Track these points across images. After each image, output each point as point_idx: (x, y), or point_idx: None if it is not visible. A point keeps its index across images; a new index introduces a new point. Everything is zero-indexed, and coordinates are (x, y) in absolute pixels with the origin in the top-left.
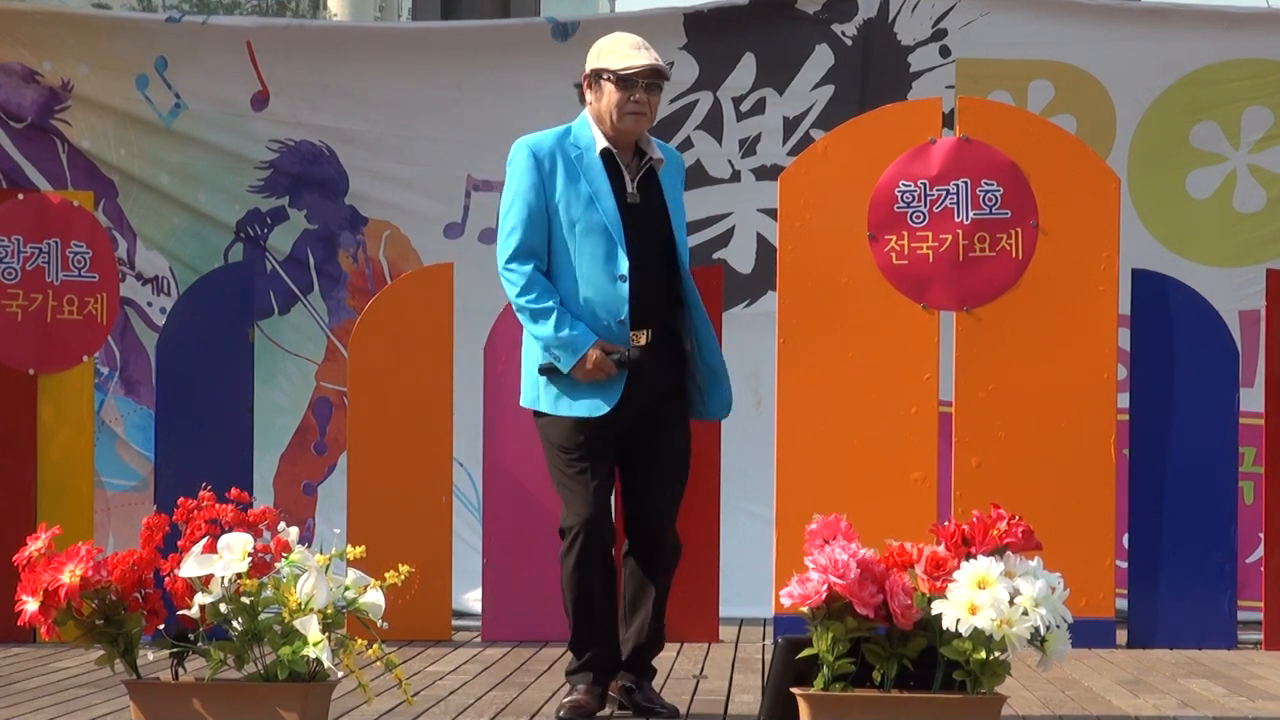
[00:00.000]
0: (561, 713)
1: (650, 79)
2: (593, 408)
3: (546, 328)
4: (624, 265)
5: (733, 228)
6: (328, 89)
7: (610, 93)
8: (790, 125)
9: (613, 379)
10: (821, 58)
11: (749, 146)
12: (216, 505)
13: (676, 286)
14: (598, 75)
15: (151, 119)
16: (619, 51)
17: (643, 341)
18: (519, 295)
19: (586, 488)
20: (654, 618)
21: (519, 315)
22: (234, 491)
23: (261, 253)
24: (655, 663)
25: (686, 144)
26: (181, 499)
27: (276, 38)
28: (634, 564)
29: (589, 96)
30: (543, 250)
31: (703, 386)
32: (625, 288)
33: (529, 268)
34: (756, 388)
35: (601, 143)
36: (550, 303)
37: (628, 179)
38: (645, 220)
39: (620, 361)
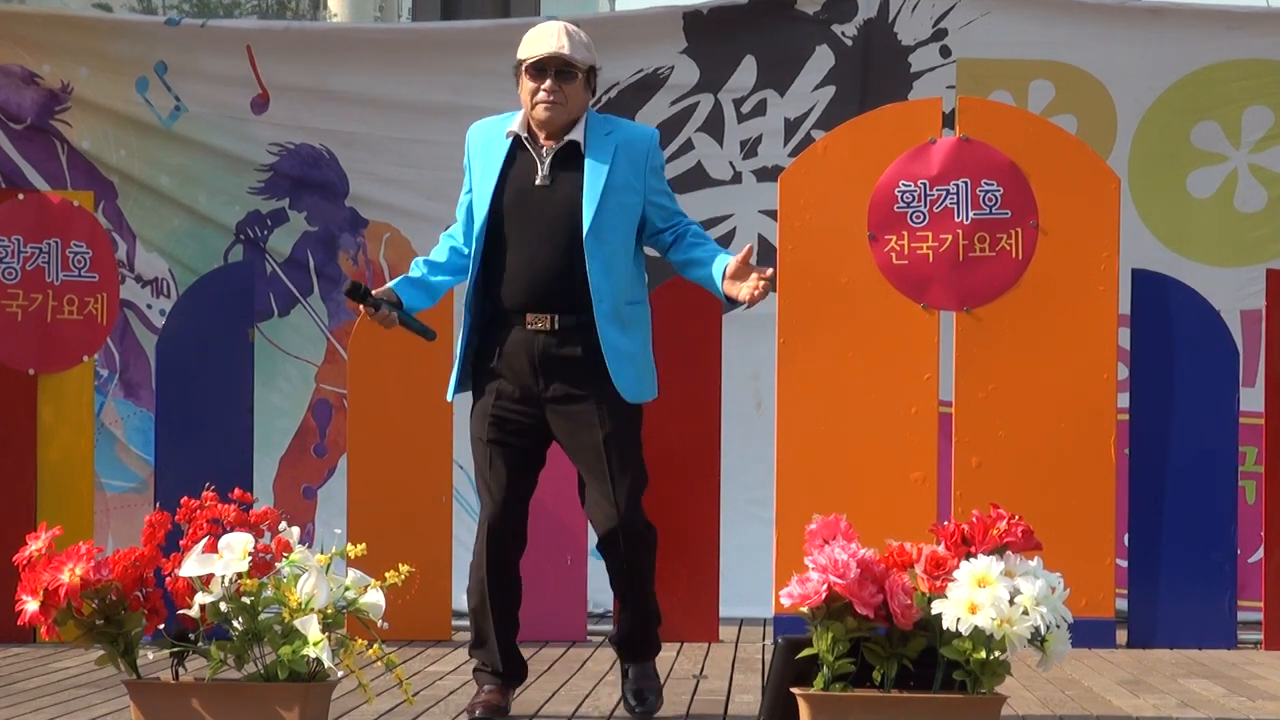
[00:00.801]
0: (476, 712)
1: (560, 66)
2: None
3: None
4: (513, 250)
5: (734, 229)
6: (327, 92)
7: (524, 83)
8: (791, 126)
9: (463, 371)
10: (822, 59)
11: (750, 148)
12: (219, 505)
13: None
14: (516, 67)
15: (151, 121)
16: (531, 40)
17: (541, 327)
18: None
19: (488, 483)
20: (637, 604)
21: None
22: (237, 492)
23: (261, 255)
24: (654, 662)
25: (687, 146)
26: (185, 499)
27: (276, 41)
28: (605, 558)
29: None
30: (457, 229)
31: (610, 369)
32: (512, 273)
33: (442, 240)
34: (757, 389)
35: (516, 128)
36: (420, 260)
37: (538, 163)
38: (552, 206)
39: (373, 306)
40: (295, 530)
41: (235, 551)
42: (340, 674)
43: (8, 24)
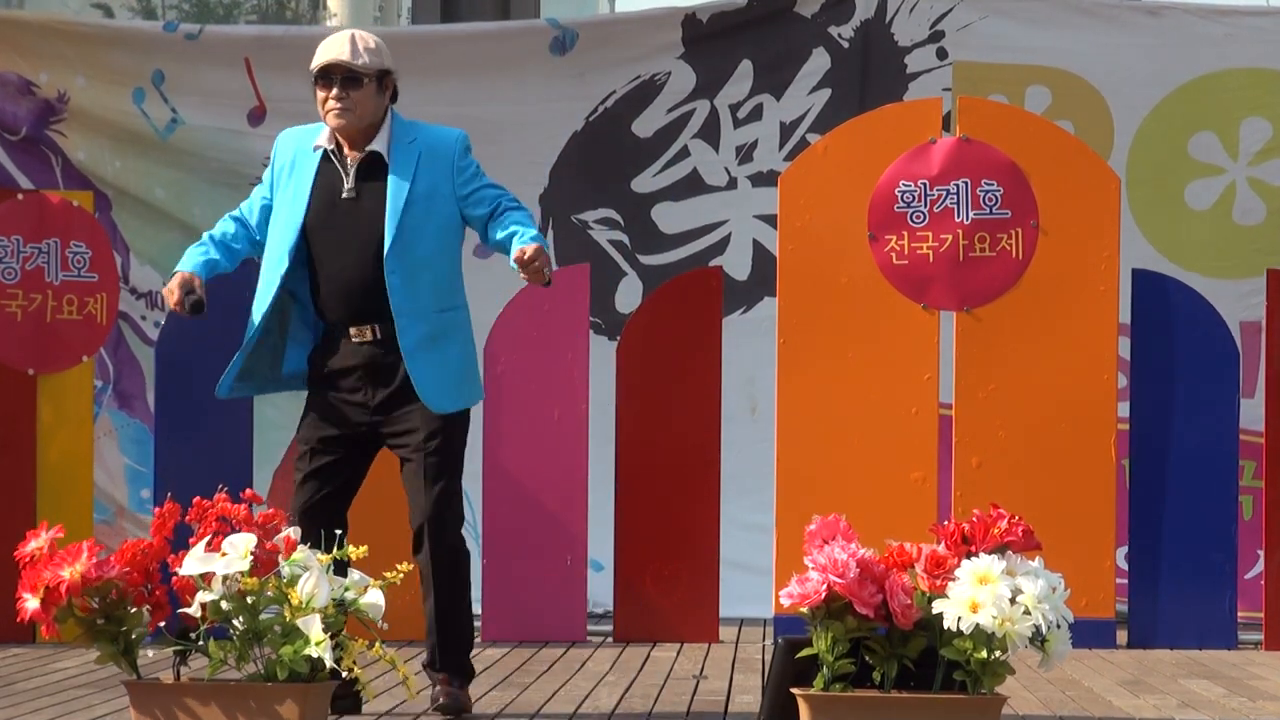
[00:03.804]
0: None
1: (344, 74)
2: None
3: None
4: (326, 263)
5: (729, 235)
6: None
7: (316, 93)
8: (787, 130)
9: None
10: (818, 61)
11: (746, 153)
12: (230, 505)
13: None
14: (312, 79)
15: (147, 134)
16: (318, 50)
17: (366, 339)
18: None
19: (303, 484)
20: (439, 620)
21: None
22: (248, 493)
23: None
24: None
25: (684, 153)
26: (197, 498)
27: (274, 51)
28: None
29: None
30: (249, 216)
31: (415, 384)
32: (329, 287)
33: (227, 218)
34: (752, 394)
35: (323, 141)
36: (204, 238)
37: (344, 175)
38: (358, 218)
39: (194, 303)
40: (298, 530)
41: (237, 550)
42: (343, 674)
43: (5, 31)
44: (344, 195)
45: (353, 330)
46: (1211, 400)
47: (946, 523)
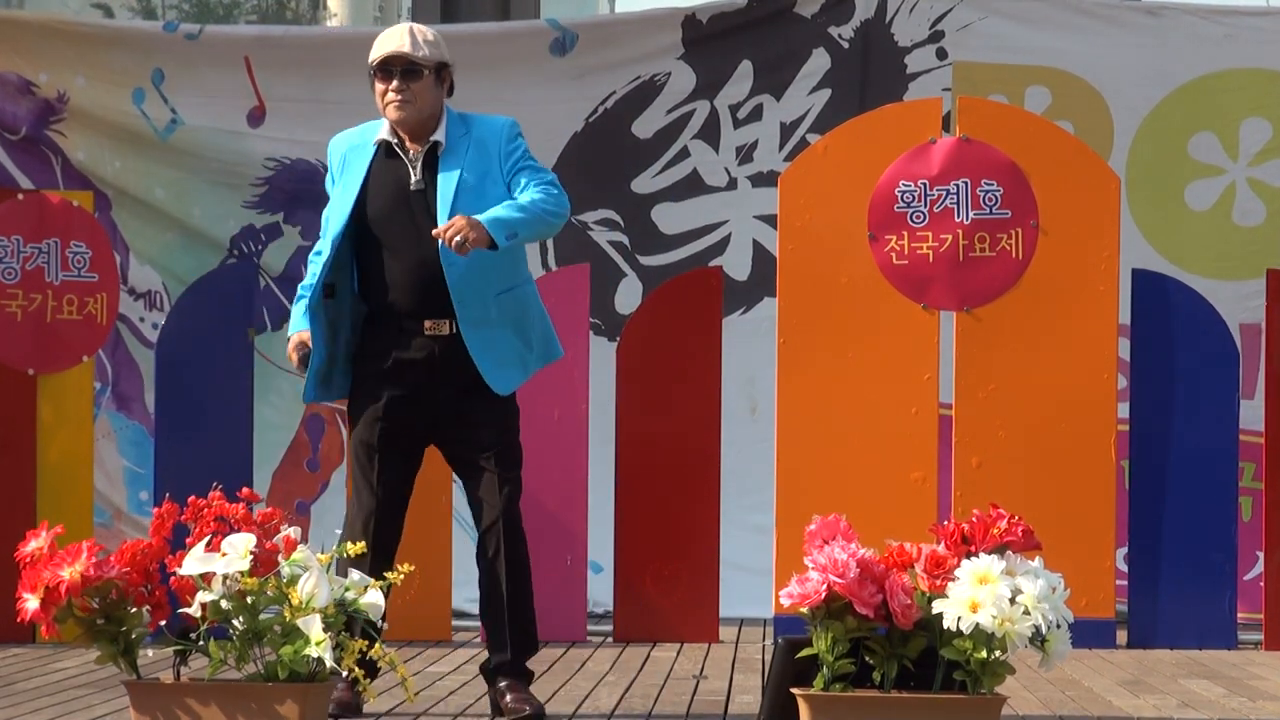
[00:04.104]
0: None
1: (404, 65)
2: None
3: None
4: (394, 255)
5: (729, 235)
6: (324, 103)
7: (375, 86)
8: (787, 130)
9: (335, 373)
10: (818, 62)
11: (746, 153)
12: (227, 504)
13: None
14: (369, 72)
15: (147, 134)
16: (376, 43)
17: (441, 332)
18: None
19: (371, 483)
20: (512, 611)
21: None
22: (245, 491)
23: (255, 269)
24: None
25: (683, 154)
26: (192, 497)
27: (274, 51)
28: (478, 558)
29: None
30: (337, 241)
31: (482, 371)
32: (397, 279)
33: (316, 254)
34: (752, 394)
35: (383, 135)
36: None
37: (410, 167)
38: (426, 209)
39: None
40: (297, 530)
41: (236, 550)
42: (343, 673)
43: (5, 31)
44: (411, 188)
45: (427, 324)
46: (1211, 400)
47: (946, 523)
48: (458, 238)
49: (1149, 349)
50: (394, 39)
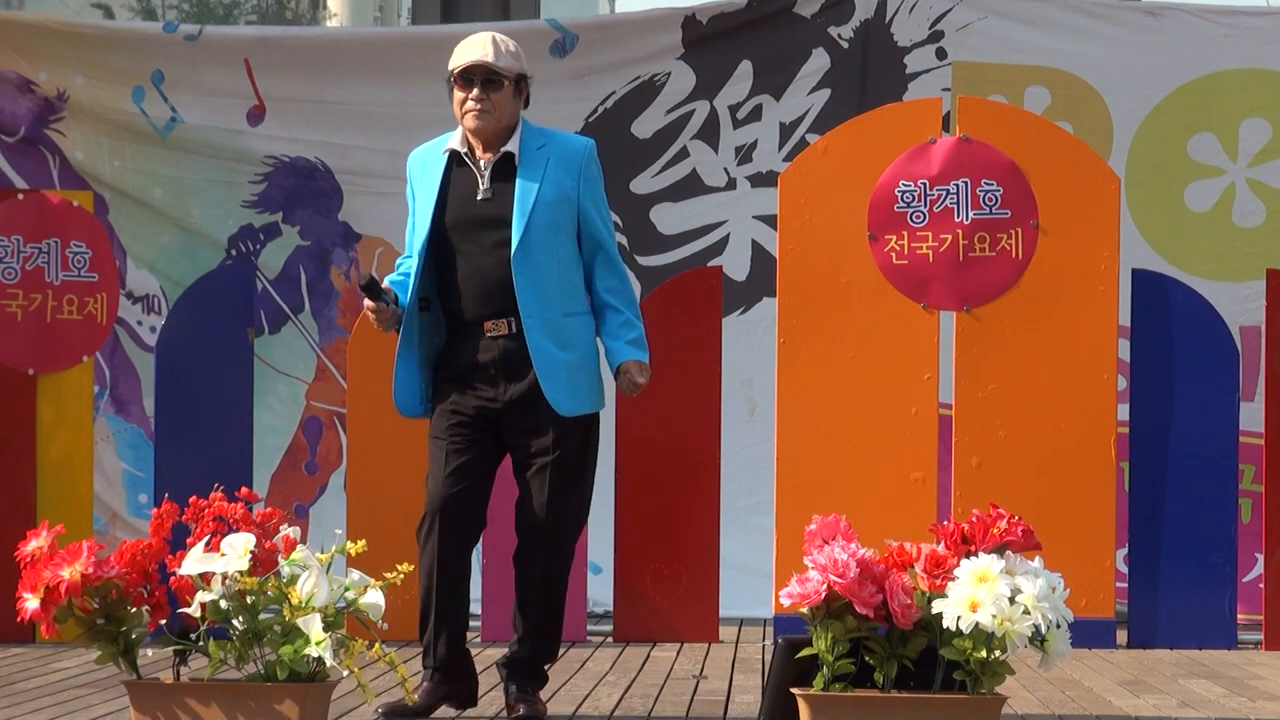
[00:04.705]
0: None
1: (486, 75)
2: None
3: None
4: (464, 262)
5: (728, 235)
6: (324, 103)
7: (454, 94)
8: (786, 131)
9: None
10: (818, 62)
11: (745, 154)
12: (226, 504)
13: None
14: (448, 79)
15: (147, 131)
16: (458, 51)
17: (501, 332)
18: None
19: (440, 477)
20: (541, 619)
21: None
22: (244, 491)
23: (254, 270)
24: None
25: (683, 154)
26: (193, 497)
27: (274, 52)
28: (515, 563)
29: None
30: (422, 252)
31: (541, 383)
32: (466, 285)
33: (402, 268)
34: (750, 395)
35: (455, 144)
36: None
37: (479, 177)
38: (495, 218)
39: (386, 303)
40: (297, 530)
41: (236, 550)
42: (343, 673)
43: (4, 31)
44: (479, 197)
45: (487, 325)
46: (1211, 401)
47: (946, 523)
48: (640, 382)
49: (1149, 349)
50: (476, 47)
